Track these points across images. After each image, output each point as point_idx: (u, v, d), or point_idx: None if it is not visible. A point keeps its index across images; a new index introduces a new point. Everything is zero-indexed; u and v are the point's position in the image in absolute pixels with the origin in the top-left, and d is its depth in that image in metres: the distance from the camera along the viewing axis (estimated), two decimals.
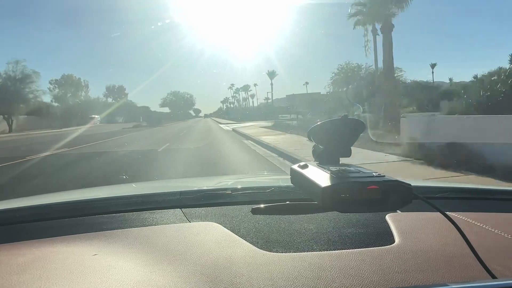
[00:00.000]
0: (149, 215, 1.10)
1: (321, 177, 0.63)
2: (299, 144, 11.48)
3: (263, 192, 1.22)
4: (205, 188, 1.47)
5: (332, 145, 0.76)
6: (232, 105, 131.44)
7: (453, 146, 6.84)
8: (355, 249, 0.81)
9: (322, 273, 0.70)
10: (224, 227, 0.96)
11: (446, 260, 0.76)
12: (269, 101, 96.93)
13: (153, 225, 1.02)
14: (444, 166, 6.50)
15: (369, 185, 0.58)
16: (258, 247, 0.83)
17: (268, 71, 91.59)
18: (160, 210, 1.14)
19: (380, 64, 19.90)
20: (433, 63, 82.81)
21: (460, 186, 1.48)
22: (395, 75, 20.85)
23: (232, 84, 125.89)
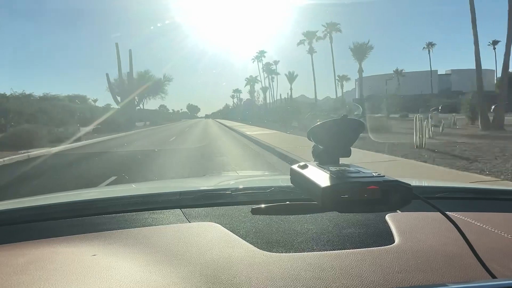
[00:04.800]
0: (148, 216, 1.10)
1: (320, 177, 0.63)
2: None
3: (263, 192, 1.22)
4: (205, 188, 1.47)
5: (332, 145, 0.76)
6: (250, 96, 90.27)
7: None
8: (355, 249, 0.81)
9: (322, 273, 0.70)
10: (224, 227, 0.96)
11: (446, 260, 0.76)
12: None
13: (152, 225, 1.02)
14: None
15: (369, 185, 0.58)
16: (258, 247, 0.83)
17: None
18: (160, 210, 1.14)
19: None
20: None
21: (460, 186, 1.48)
22: None
23: (261, 52, 79.45)
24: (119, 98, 42.03)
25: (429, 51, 72.52)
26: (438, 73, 72.70)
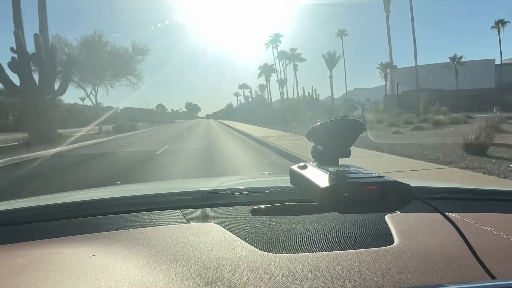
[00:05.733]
0: (148, 216, 1.10)
1: (320, 178, 0.63)
2: None
3: (262, 193, 1.22)
4: (204, 189, 1.47)
5: (331, 145, 0.76)
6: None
7: None
8: (354, 250, 0.81)
9: (322, 273, 0.70)
10: (224, 228, 0.96)
11: (446, 260, 0.76)
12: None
13: (152, 226, 1.02)
14: None
15: (368, 186, 0.58)
16: (257, 248, 0.83)
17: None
18: (159, 211, 1.14)
19: None
20: None
21: (459, 187, 1.48)
22: None
23: (276, 36, 62.99)
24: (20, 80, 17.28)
25: (498, 31, 49.82)
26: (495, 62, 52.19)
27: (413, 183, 1.21)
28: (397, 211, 1.04)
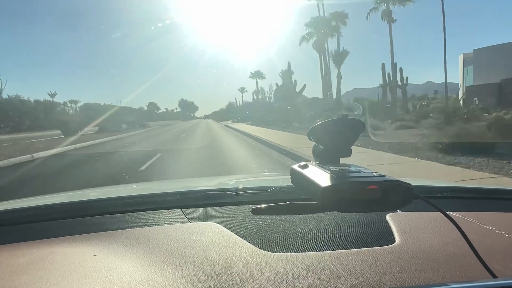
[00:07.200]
0: (149, 216, 1.10)
1: (321, 177, 0.63)
2: None
3: (263, 192, 1.22)
4: (205, 188, 1.47)
5: (332, 145, 0.76)
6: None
7: None
8: (356, 249, 0.81)
9: (323, 273, 0.70)
10: (225, 227, 0.96)
11: (447, 259, 0.76)
12: None
13: (153, 225, 1.02)
14: None
15: (369, 185, 0.58)
16: (258, 247, 0.83)
17: None
18: (161, 211, 1.14)
19: None
20: None
21: (460, 186, 1.48)
22: None
23: None
24: None
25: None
26: None
27: (415, 182, 1.21)
28: (398, 210, 1.04)
